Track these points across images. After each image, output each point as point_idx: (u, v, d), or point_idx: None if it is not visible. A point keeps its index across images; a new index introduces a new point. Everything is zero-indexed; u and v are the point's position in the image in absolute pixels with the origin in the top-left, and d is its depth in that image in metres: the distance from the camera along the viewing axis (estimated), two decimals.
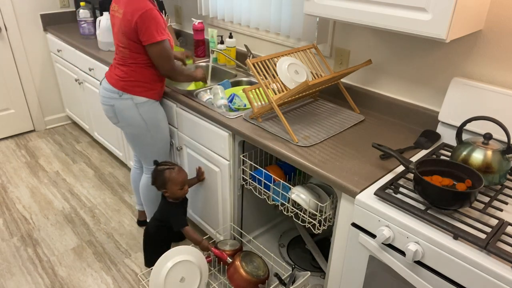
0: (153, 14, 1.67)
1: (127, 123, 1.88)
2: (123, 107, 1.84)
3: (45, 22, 3.26)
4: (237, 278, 1.71)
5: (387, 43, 1.69)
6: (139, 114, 1.85)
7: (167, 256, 1.57)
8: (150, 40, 1.69)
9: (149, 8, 1.66)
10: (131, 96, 1.82)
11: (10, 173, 2.93)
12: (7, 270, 2.09)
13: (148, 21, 1.66)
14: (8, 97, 3.29)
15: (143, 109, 1.85)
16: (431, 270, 1.10)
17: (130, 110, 1.84)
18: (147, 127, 1.89)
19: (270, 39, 2.20)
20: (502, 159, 1.22)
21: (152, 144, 1.95)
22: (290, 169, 1.79)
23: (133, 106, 1.83)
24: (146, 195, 2.12)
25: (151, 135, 1.92)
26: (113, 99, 1.84)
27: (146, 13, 1.65)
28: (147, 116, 1.87)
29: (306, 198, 1.53)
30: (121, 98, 1.82)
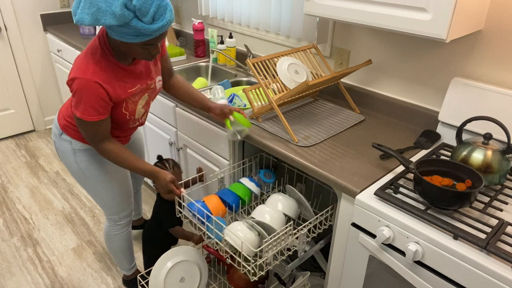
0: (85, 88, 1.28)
1: (66, 166, 1.61)
2: (61, 149, 1.56)
3: (45, 22, 3.26)
4: (237, 279, 1.71)
5: (387, 43, 1.69)
6: (76, 162, 1.56)
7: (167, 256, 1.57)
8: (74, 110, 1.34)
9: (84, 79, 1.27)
10: (70, 139, 1.52)
11: (10, 173, 2.93)
12: (7, 270, 2.09)
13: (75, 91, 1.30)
14: (8, 97, 3.30)
15: (81, 157, 1.55)
16: (431, 270, 1.10)
17: (68, 155, 1.55)
18: (85, 177, 1.60)
19: (270, 39, 2.20)
20: (502, 159, 1.22)
21: (98, 194, 1.66)
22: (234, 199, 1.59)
23: (71, 151, 1.54)
24: (108, 245, 1.87)
25: (91, 186, 1.63)
26: (54, 136, 1.58)
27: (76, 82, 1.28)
28: (85, 167, 1.56)
29: (238, 240, 1.30)
30: (60, 138, 1.54)
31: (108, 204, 1.70)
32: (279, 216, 1.45)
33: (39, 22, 3.24)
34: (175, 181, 1.49)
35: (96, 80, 1.29)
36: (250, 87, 1.67)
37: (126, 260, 1.92)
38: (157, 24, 1.18)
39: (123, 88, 1.38)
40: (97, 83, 1.29)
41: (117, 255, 1.89)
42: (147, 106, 1.55)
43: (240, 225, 1.38)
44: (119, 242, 1.84)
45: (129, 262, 1.94)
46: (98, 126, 1.36)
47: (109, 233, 1.81)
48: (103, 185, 1.63)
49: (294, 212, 1.54)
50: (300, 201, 1.54)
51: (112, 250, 1.88)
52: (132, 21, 1.16)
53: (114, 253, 1.88)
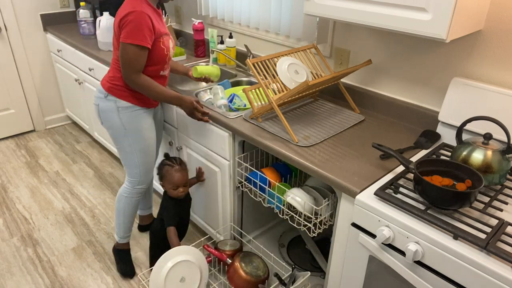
0: (139, 17, 1.57)
1: (107, 125, 1.82)
2: (105, 109, 1.78)
3: (45, 22, 3.26)
4: (237, 279, 1.71)
5: (387, 43, 1.69)
6: (119, 118, 1.77)
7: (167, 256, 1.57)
8: (122, 38, 1.60)
9: (138, 11, 1.57)
10: (115, 98, 1.75)
11: (10, 173, 2.93)
12: (7, 270, 2.09)
13: (131, 22, 1.57)
14: (8, 97, 3.29)
15: (124, 114, 1.77)
16: (431, 270, 1.10)
17: (112, 113, 1.77)
18: (125, 133, 1.80)
19: (270, 39, 2.20)
20: (502, 159, 1.22)
21: (130, 152, 1.84)
22: (287, 171, 1.78)
23: (115, 109, 1.76)
24: (116, 204, 2.01)
25: (129, 142, 1.82)
26: (99, 99, 1.80)
27: (131, 14, 1.56)
28: (127, 122, 1.78)
29: (302, 201, 1.51)
30: (105, 99, 1.77)
31: (136, 162, 1.86)
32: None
33: (39, 22, 3.24)
34: (198, 107, 1.75)
35: (148, 14, 1.59)
36: (250, 87, 1.67)
37: (125, 226, 2.03)
38: None
39: (160, 25, 1.69)
40: (148, 16, 1.59)
41: (118, 218, 2.01)
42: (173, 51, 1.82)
43: (299, 191, 1.54)
44: (127, 205, 1.97)
45: (126, 230, 2.04)
46: (140, 53, 1.62)
47: (123, 193, 1.95)
48: (138, 143, 1.82)
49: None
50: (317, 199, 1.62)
51: (117, 212, 2.00)
52: None
53: (117, 215, 2.01)
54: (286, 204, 1.60)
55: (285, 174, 1.77)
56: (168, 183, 1.80)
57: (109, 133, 1.86)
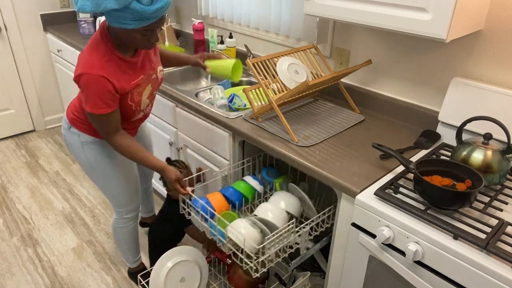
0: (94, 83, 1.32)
1: (76, 158, 1.66)
2: (70, 141, 1.61)
3: (45, 22, 3.26)
4: (237, 279, 1.71)
5: (387, 43, 1.69)
6: (85, 154, 1.60)
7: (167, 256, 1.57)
8: (84, 106, 1.39)
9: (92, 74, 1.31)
10: (78, 132, 1.56)
11: (10, 173, 2.93)
12: (7, 270, 2.09)
13: (84, 87, 1.34)
14: (8, 97, 3.29)
15: (88, 149, 1.59)
16: (431, 270, 1.10)
17: (76, 147, 1.60)
18: (93, 169, 1.64)
19: (270, 39, 2.20)
20: (502, 159, 1.22)
21: (106, 185, 1.69)
22: (237, 197, 1.60)
23: (79, 143, 1.58)
24: (115, 237, 1.91)
25: (99, 178, 1.67)
26: (64, 129, 1.62)
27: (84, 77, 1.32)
28: (93, 158, 1.60)
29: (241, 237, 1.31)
30: (69, 131, 1.59)
31: (115, 197, 1.74)
32: (282, 214, 1.46)
33: (39, 22, 3.24)
34: (181, 180, 1.53)
35: (102, 75, 1.32)
36: (250, 87, 1.67)
37: (131, 253, 1.96)
38: (155, 5, 1.23)
39: (127, 80, 1.42)
40: (104, 77, 1.33)
41: (122, 248, 1.94)
42: (152, 96, 1.58)
43: (242, 222, 1.38)
44: (125, 235, 1.88)
45: (133, 255, 1.97)
46: (109, 119, 1.41)
47: (116, 225, 1.86)
48: (111, 177, 1.66)
49: (297, 211, 1.54)
50: (303, 199, 1.55)
51: (118, 243, 1.93)
52: (131, 4, 1.19)
53: (120, 246, 1.93)
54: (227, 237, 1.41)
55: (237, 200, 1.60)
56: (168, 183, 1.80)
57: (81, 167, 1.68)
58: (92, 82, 1.32)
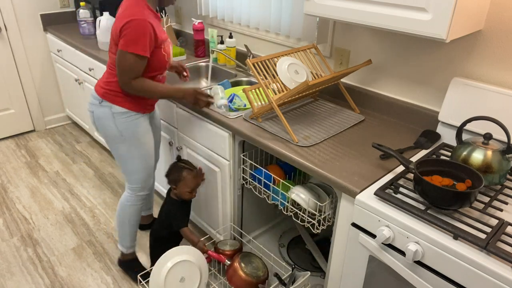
0: (141, 25, 1.53)
1: (104, 132, 1.77)
2: (100, 115, 1.73)
3: (45, 22, 3.26)
4: (236, 279, 1.71)
5: (387, 43, 1.69)
6: (115, 124, 1.72)
7: (167, 256, 1.57)
8: (121, 46, 1.56)
9: (140, 19, 1.52)
10: (109, 104, 1.70)
11: (10, 173, 2.93)
12: (7, 270, 2.09)
13: (131, 29, 1.53)
14: (8, 97, 3.29)
15: (119, 120, 1.72)
16: (431, 270, 1.10)
17: (107, 119, 1.72)
18: (122, 139, 1.75)
19: (270, 39, 2.20)
20: (502, 159, 1.22)
21: (130, 158, 1.80)
22: (290, 168, 1.79)
23: (110, 115, 1.71)
24: (118, 213, 1.96)
25: (127, 149, 1.78)
26: (93, 106, 1.75)
27: (133, 22, 1.52)
28: (123, 128, 1.73)
29: (306, 198, 1.52)
30: (100, 106, 1.72)
31: (134, 172, 1.83)
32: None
33: (39, 22, 3.24)
34: (202, 91, 1.72)
35: (150, 21, 1.55)
36: (250, 87, 1.67)
37: (130, 237, 1.99)
38: None
39: (161, 31, 1.65)
40: (151, 24, 1.55)
41: (123, 228, 1.96)
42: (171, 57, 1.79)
43: (302, 188, 1.55)
44: (131, 215, 1.93)
45: (131, 240, 2.01)
46: (138, 62, 1.58)
47: (125, 202, 1.91)
48: (135, 150, 1.79)
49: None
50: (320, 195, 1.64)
51: (121, 223, 1.96)
52: None
53: (122, 225, 1.96)
54: (290, 201, 1.62)
55: (289, 172, 1.79)
56: (186, 187, 1.80)
57: (106, 141, 1.81)
58: (141, 25, 1.52)
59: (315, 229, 1.54)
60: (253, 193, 1.91)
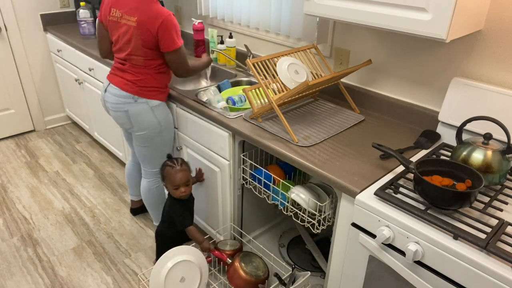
0: (173, 20, 1.71)
1: (142, 127, 1.89)
2: (138, 112, 1.86)
3: (45, 22, 3.26)
4: (237, 279, 1.71)
5: (387, 43, 1.69)
6: (155, 117, 1.88)
7: (167, 256, 1.57)
8: (171, 47, 1.74)
9: (168, 14, 1.69)
10: (146, 100, 1.85)
11: (10, 173, 2.93)
12: (7, 270, 2.09)
13: (170, 28, 1.70)
14: (8, 97, 3.29)
15: (158, 111, 1.89)
16: (431, 270, 1.10)
17: (146, 114, 1.87)
18: (161, 129, 1.92)
19: (270, 39, 2.20)
20: (502, 159, 1.22)
21: (162, 144, 1.98)
22: (290, 168, 1.79)
23: (149, 109, 1.86)
24: (147, 198, 2.15)
25: (162, 137, 1.95)
26: (127, 104, 1.85)
27: (166, 20, 1.69)
28: (162, 118, 1.91)
29: (306, 198, 1.52)
30: (136, 103, 1.85)
31: (163, 154, 1.94)
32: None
33: (39, 22, 3.24)
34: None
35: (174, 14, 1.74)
36: (250, 87, 1.67)
37: (159, 211, 2.08)
38: None
39: None
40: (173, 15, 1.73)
41: (158, 207, 2.14)
42: None
43: (302, 188, 1.56)
44: (160, 193, 2.13)
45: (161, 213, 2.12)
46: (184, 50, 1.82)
47: (151, 187, 2.09)
48: (169, 133, 1.99)
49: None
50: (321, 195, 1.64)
51: (154, 205, 2.16)
52: None
53: (156, 206, 2.16)
54: (290, 201, 1.62)
55: (289, 172, 1.79)
56: (169, 184, 1.80)
57: (143, 135, 1.92)
58: (172, 21, 1.70)
59: (315, 229, 1.54)
60: (253, 193, 1.91)
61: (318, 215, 1.54)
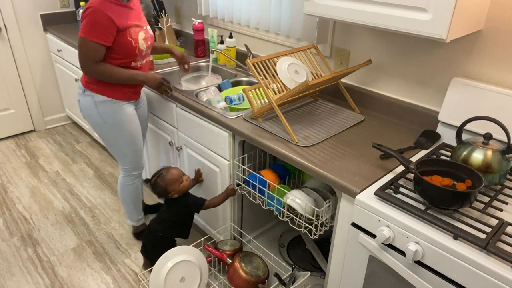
0: (95, 14, 1.63)
1: (89, 120, 1.89)
2: (85, 104, 1.84)
3: (45, 22, 3.26)
4: (237, 279, 1.71)
5: (387, 43, 1.69)
6: (98, 113, 1.83)
7: (167, 256, 1.57)
8: (79, 32, 1.68)
9: (95, 7, 1.62)
10: (91, 93, 1.81)
11: (10, 173, 2.93)
12: (7, 270, 2.09)
13: (86, 16, 1.65)
14: (8, 97, 3.29)
15: (102, 108, 1.82)
16: (431, 270, 1.10)
17: (90, 108, 1.83)
18: (106, 126, 1.87)
19: (270, 39, 2.20)
20: (502, 159, 1.22)
21: (116, 143, 1.93)
22: (285, 172, 1.77)
23: (93, 103, 1.82)
24: (121, 194, 2.13)
25: (111, 134, 1.90)
26: (79, 95, 1.86)
27: (89, 10, 1.64)
28: (106, 116, 1.84)
29: (302, 203, 1.51)
30: (84, 95, 1.83)
31: (124, 154, 1.95)
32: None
33: (39, 22, 3.24)
34: (165, 80, 1.89)
35: (104, 10, 1.62)
36: (250, 87, 1.67)
37: (136, 210, 2.18)
38: None
39: (125, 18, 1.71)
40: (104, 13, 1.62)
41: (128, 206, 2.15)
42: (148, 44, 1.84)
43: (298, 192, 1.55)
44: (131, 193, 2.09)
45: (138, 213, 2.20)
46: (96, 48, 1.67)
47: (123, 183, 2.06)
48: (121, 134, 1.89)
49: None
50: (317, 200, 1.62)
51: (125, 202, 2.14)
52: None
53: (126, 204, 2.14)
54: (286, 206, 1.60)
55: (284, 176, 1.76)
56: (174, 184, 1.78)
57: (92, 128, 1.92)
58: (94, 13, 1.62)
59: (312, 235, 1.51)
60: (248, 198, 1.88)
61: (315, 220, 1.52)
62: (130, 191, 2.09)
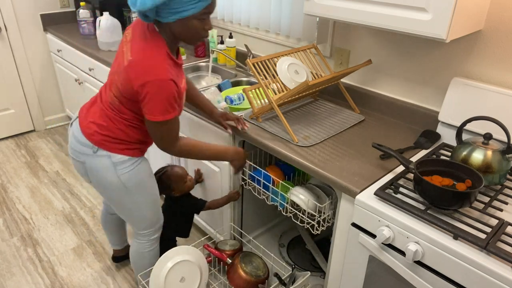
0: (165, 88, 1.25)
1: (101, 185, 1.49)
2: (97, 166, 1.44)
3: (45, 22, 3.26)
4: (237, 279, 1.71)
5: (387, 43, 1.69)
6: (117, 175, 1.45)
7: (167, 256, 1.57)
8: (151, 117, 1.30)
9: (163, 79, 1.24)
10: (108, 153, 1.42)
11: (10, 173, 2.93)
12: (7, 270, 2.09)
13: (154, 94, 1.25)
14: (8, 97, 3.29)
15: (122, 169, 1.44)
16: (431, 270, 1.10)
17: (106, 171, 1.44)
18: (126, 191, 1.49)
19: (270, 39, 2.20)
20: (502, 159, 1.22)
21: (136, 208, 1.56)
22: (290, 169, 1.79)
23: (110, 165, 1.43)
24: (135, 262, 1.73)
25: (132, 200, 1.52)
26: (84, 155, 1.45)
27: (155, 84, 1.24)
28: (127, 178, 1.46)
29: (305, 199, 1.52)
30: (95, 155, 1.43)
31: (144, 216, 1.59)
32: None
33: (39, 22, 3.24)
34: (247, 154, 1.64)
35: (171, 78, 1.26)
36: (250, 87, 1.67)
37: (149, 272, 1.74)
38: None
39: (182, 82, 1.38)
40: (172, 80, 1.26)
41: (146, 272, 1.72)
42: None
43: (301, 189, 1.56)
44: (151, 257, 1.71)
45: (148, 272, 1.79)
46: (176, 122, 1.37)
47: (141, 250, 1.68)
48: (144, 194, 1.54)
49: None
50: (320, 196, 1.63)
51: (141, 268, 1.72)
52: None
53: (139, 271, 1.74)
54: (289, 202, 1.61)
55: (288, 173, 1.78)
56: (180, 181, 1.78)
57: (106, 195, 1.53)
58: (165, 88, 1.25)
59: (315, 230, 1.54)
60: (253, 193, 1.91)
61: (317, 216, 1.53)
62: (151, 257, 1.70)
